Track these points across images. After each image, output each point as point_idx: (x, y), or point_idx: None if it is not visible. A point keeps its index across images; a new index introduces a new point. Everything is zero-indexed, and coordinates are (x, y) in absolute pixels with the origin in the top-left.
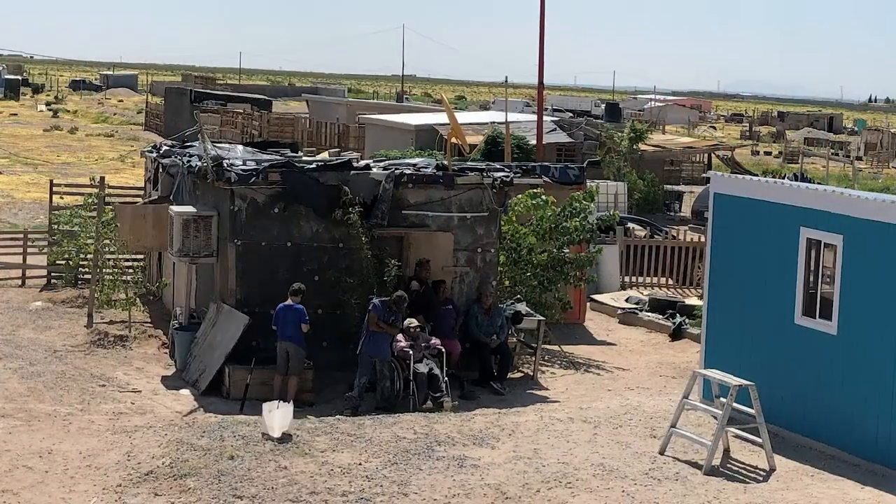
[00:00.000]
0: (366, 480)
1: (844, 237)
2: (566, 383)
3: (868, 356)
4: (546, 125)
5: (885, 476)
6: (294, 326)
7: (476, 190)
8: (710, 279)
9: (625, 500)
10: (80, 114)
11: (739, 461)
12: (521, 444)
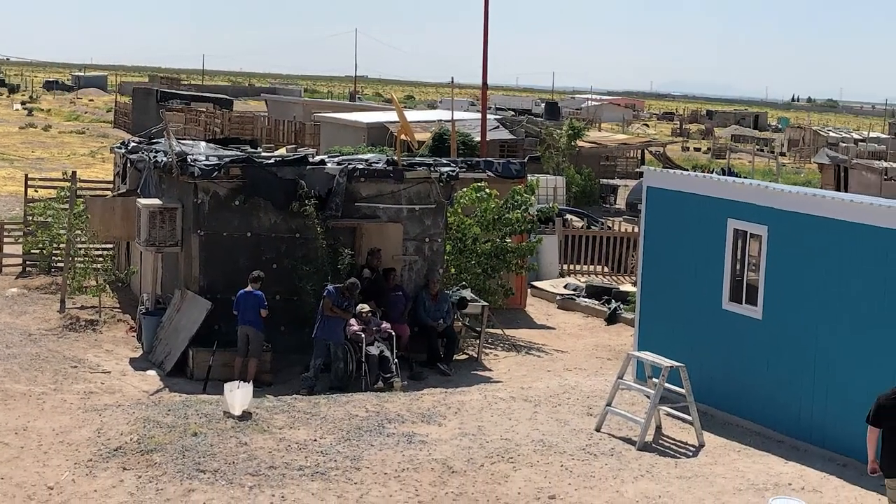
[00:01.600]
0: (321, 455)
1: (769, 228)
2: (508, 365)
3: (791, 339)
4: (490, 123)
5: (808, 451)
6: (254, 311)
7: (424, 184)
8: (643, 267)
9: (563, 474)
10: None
11: (671, 438)
12: (467, 422)
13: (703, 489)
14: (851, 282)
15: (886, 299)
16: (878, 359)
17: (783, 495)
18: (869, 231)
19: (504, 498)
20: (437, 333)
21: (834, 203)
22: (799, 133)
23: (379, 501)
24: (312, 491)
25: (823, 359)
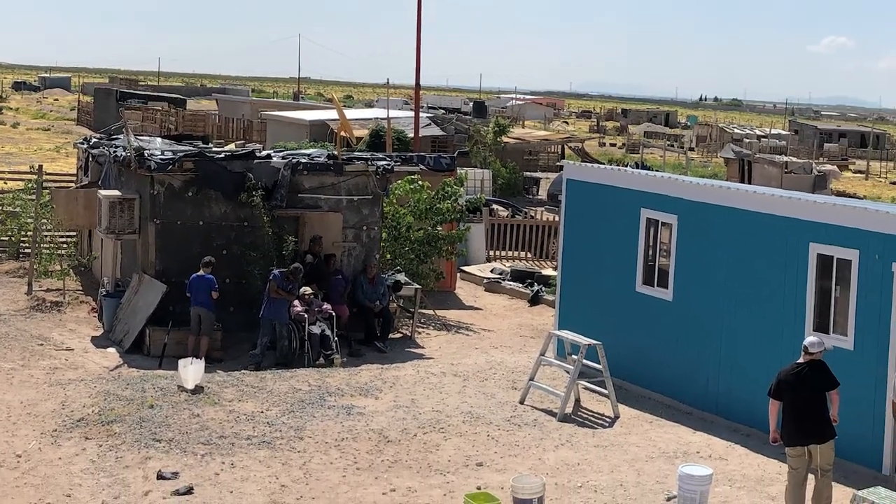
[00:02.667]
0: (267, 426)
1: (679, 217)
2: (439, 343)
3: (699, 320)
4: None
5: (714, 423)
6: (205, 294)
7: (362, 176)
8: (563, 253)
9: (490, 443)
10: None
11: (589, 410)
12: (401, 395)
13: (618, 457)
14: (754, 267)
15: (786, 283)
16: (778, 337)
17: (692, 463)
18: (770, 220)
19: (435, 465)
20: (374, 314)
21: (738, 194)
22: (706, 130)
23: (320, 468)
24: (259, 459)
25: (728, 337)
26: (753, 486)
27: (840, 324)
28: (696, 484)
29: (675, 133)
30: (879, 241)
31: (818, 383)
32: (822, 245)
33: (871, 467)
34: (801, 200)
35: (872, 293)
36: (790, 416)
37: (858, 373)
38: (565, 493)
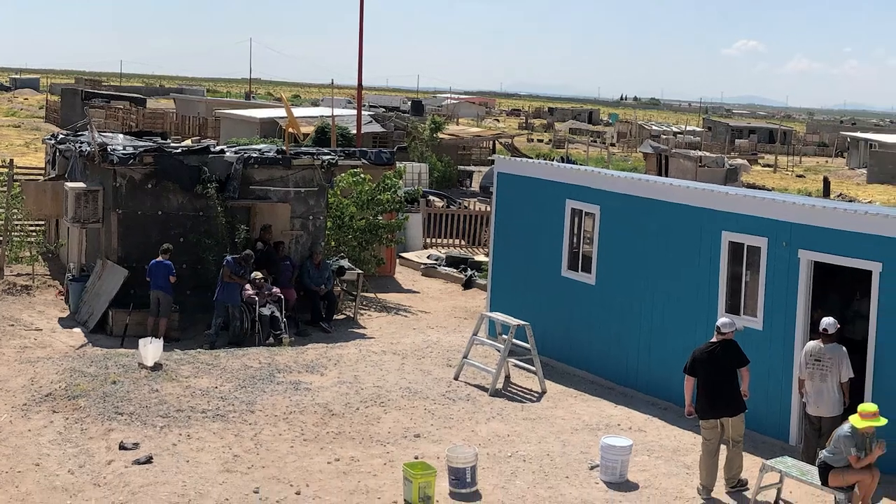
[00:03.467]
0: (220, 400)
1: (601, 207)
2: (380, 323)
3: (619, 302)
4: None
5: (634, 397)
6: (164, 278)
7: (308, 169)
8: (494, 240)
9: (426, 416)
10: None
11: (518, 385)
12: (344, 372)
13: (545, 429)
14: (671, 253)
15: (700, 268)
16: (692, 318)
17: (613, 434)
18: (686, 210)
19: (376, 436)
20: (320, 297)
21: (656, 186)
22: (626, 127)
23: (270, 439)
24: (214, 430)
25: (647, 318)
26: (670, 456)
27: (750, 306)
28: (617, 454)
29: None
30: (786, 230)
31: (730, 361)
32: (734, 233)
33: (779, 438)
34: (714, 192)
35: (780, 277)
36: (704, 392)
37: (767, 351)
38: (496, 463)
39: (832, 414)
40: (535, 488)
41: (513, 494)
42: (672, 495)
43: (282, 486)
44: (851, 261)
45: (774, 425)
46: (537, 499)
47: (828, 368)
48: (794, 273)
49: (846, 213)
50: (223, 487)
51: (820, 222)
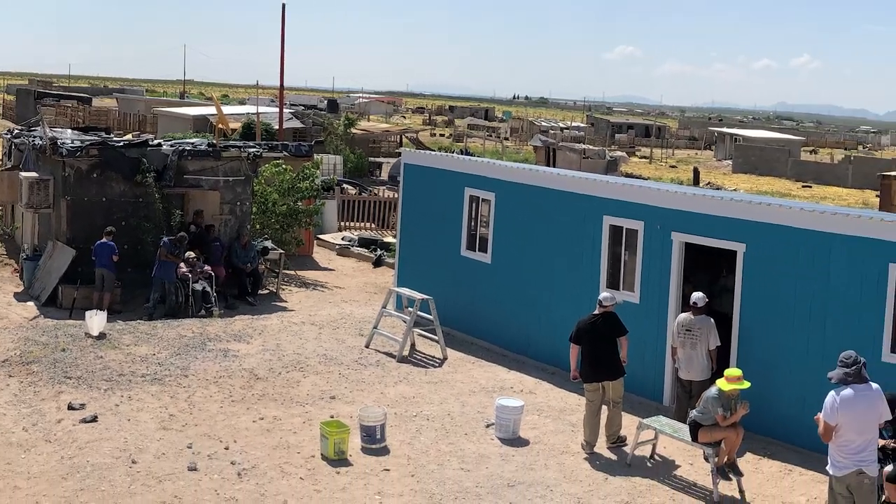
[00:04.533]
0: (158, 366)
1: (496, 194)
2: (300, 297)
3: (513, 278)
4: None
5: (526, 363)
6: (107, 257)
7: (236, 161)
8: (401, 223)
9: (341, 380)
10: None
11: (422, 352)
12: (268, 340)
13: (446, 391)
14: (559, 235)
15: (584, 249)
16: (578, 293)
17: (507, 396)
18: (571, 197)
19: (296, 398)
20: (246, 274)
21: (545, 176)
22: (518, 123)
23: (202, 400)
24: (152, 393)
25: (537, 293)
26: (557, 415)
27: (629, 282)
28: (510, 413)
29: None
30: (660, 214)
31: (610, 331)
32: (614, 217)
33: (654, 399)
34: (596, 181)
35: (655, 257)
36: (587, 358)
37: (643, 322)
38: (403, 421)
39: (701, 378)
40: (437, 444)
41: (418, 449)
42: (559, 450)
43: (212, 442)
44: (718, 242)
45: (650, 388)
46: (439, 453)
47: (697, 338)
48: (668, 253)
49: (713, 200)
50: (160, 443)
51: (690, 208)
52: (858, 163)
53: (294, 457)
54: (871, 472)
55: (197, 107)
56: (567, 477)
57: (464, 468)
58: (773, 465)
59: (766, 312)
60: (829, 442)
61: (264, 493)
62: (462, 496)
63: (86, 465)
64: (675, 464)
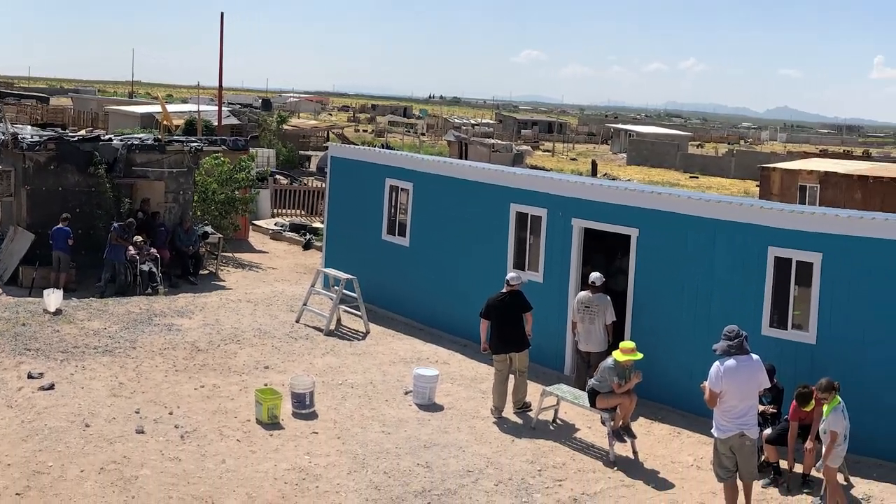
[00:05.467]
0: (109, 339)
1: (414, 184)
2: (237, 277)
3: (430, 260)
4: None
5: (440, 336)
6: (63, 241)
7: (180, 154)
8: (328, 210)
9: (274, 352)
10: None
11: (347, 327)
12: (208, 316)
13: (369, 361)
14: (471, 221)
15: (493, 233)
16: (487, 273)
17: (423, 366)
18: (481, 186)
19: (234, 368)
20: (188, 256)
21: (457, 167)
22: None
23: (149, 370)
24: (103, 363)
25: (450, 273)
26: (469, 384)
27: (533, 263)
28: (426, 382)
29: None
30: (562, 202)
31: (517, 307)
32: (520, 205)
33: (556, 369)
34: (504, 172)
35: (556, 241)
36: (496, 332)
37: (547, 300)
38: (329, 389)
39: (599, 350)
40: (360, 409)
41: (343, 414)
42: (470, 415)
43: (158, 407)
44: (614, 227)
45: (552, 359)
46: (363, 418)
47: (595, 314)
48: (568, 237)
49: (610, 189)
50: (111, 409)
51: (589, 196)
52: (740, 156)
53: (231, 421)
54: (751, 435)
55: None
56: (478, 439)
57: (385, 431)
58: (663, 429)
59: (657, 291)
60: (714, 407)
61: (205, 454)
62: (383, 456)
63: (44, 428)
64: (575, 427)
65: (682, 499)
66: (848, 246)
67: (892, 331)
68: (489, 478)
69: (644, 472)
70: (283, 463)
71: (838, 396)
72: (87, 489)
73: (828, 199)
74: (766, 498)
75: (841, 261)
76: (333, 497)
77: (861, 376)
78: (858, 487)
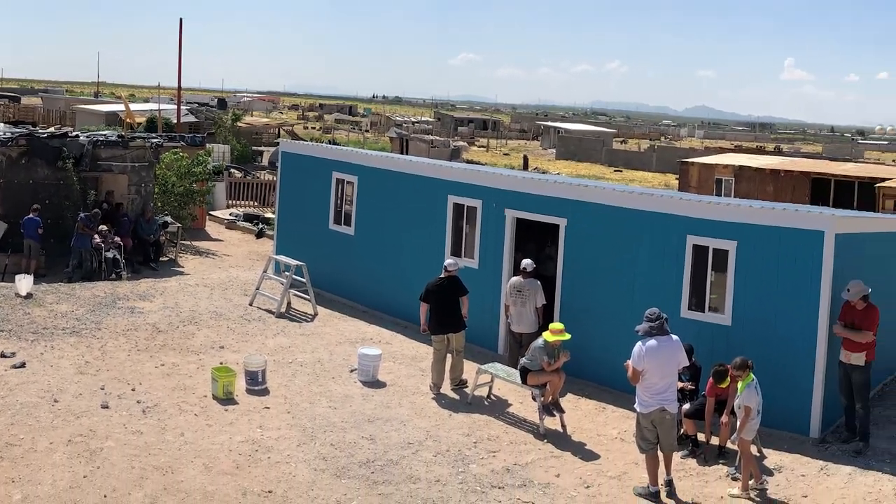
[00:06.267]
0: (76, 321)
1: (358, 177)
2: (194, 264)
3: (372, 248)
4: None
5: (384, 318)
6: (34, 230)
7: (142, 149)
8: (279, 202)
9: (229, 333)
10: None
11: (297, 310)
12: (168, 300)
13: (317, 341)
14: (411, 212)
15: (432, 223)
16: (427, 260)
17: (367, 346)
18: (421, 180)
19: (192, 348)
20: (150, 244)
21: (399, 162)
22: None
23: (113, 350)
24: (71, 343)
25: (393, 260)
26: (410, 362)
27: (469, 250)
28: (370, 360)
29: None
30: (496, 194)
31: (454, 291)
32: (457, 196)
33: (490, 349)
34: (442, 166)
35: (491, 229)
36: (435, 314)
37: (482, 284)
38: (280, 367)
39: (530, 331)
40: (309, 386)
41: (293, 391)
42: (411, 391)
43: (121, 384)
44: (544, 217)
45: (487, 339)
46: (311, 393)
47: (526, 297)
48: (502, 226)
49: (540, 182)
50: (78, 385)
51: (521, 189)
52: (661, 151)
53: (190, 396)
54: (671, 410)
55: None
56: (418, 413)
57: (331, 406)
58: (589, 404)
59: (583, 276)
60: (637, 384)
61: (165, 427)
62: (330, 429)
63: (16, 403)
64: (508, 402)
65: (607, 469)
66: (760, 235)
67: (799, 312)
68: (428, 449)
69: (572, 444)
70: (237, 436)
71: (752, 374)
72: (55, 460)
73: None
74: (684, 468)
75: (754, 248)
76: (284, 467)
77: (772, 355)
78: (770, 458)
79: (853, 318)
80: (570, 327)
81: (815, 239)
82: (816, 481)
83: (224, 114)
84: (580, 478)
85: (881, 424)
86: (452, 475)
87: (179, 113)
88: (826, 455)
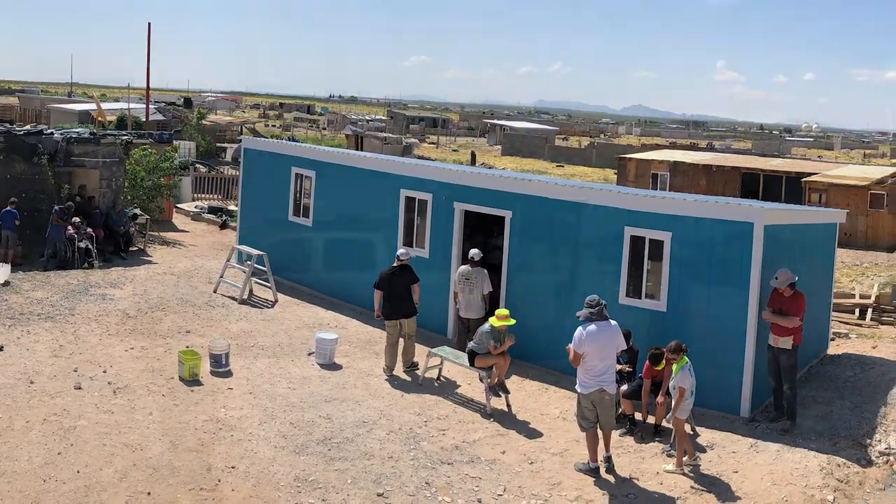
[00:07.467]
0: (51, 307)
1: (315, 172)
2: (162, 254)
3: (329, 238)
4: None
5: (341, 305)
6: (11, 222)
7: (112, 146)
8: (242, 195)
9: (195, 318)
10: None
11: (259, 297)
12: (137, 287)
13: (277, 326)
14: (366, 205)
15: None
16: (380, 250)
17: (324, 330)
18: (375, 175)
19: (160, 332)
20: (120, 235)
21: (354, 157)
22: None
23: (86, 334)
24: (46, 328)
25: (349, 249)
26: (364, 346)
27: (420, 241)
28: (327, 344)
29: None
30: (445, 188)
31: (406, 279)
32: (409, 190)
33: (440, 333)
34: (395, 162)
35: (440, 221)
36: (388, 301)
37: (432, 273)
38: (243, 350)
39: (477, 316)
40: (270, 368)
41: (255, 372)
42: (366, 373)
43: (93, 366)
44: (491, 210)
45: (437, 324)
46: (272, 375)
47: (474, 285)
48: (451, 218)
49: (486, 177)
50: (53, 367)
51: (469, 183)
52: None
53: (158, 378)
54: (610, 391)
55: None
56: (372, 394)
57: (291, 387)
58: (533, 385)
59: (528, 265)
60: (578, 366)
61: (134, 407)
62: (289, 409)
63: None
64: (457, 384)
65: (549, 446)
66: (694, 226)
67: (730, 299)
68: (382, 427)
69: (517, 422)
70: (202, 415)
71: (686, 357)
72: (31, 437)
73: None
74: (622, 445)
75: (688, 239)
76: (246, 444)
77: (705, 339)
78: (703, 436)
79: (781, 304)
80: (515, 313)
81: (745, 230)
82: (746, 458)
83: (190, 112)
84: (524, 454)
85: (807, 405)
86: (404, 452)
87: (148, 112)
88: (755, 433)
